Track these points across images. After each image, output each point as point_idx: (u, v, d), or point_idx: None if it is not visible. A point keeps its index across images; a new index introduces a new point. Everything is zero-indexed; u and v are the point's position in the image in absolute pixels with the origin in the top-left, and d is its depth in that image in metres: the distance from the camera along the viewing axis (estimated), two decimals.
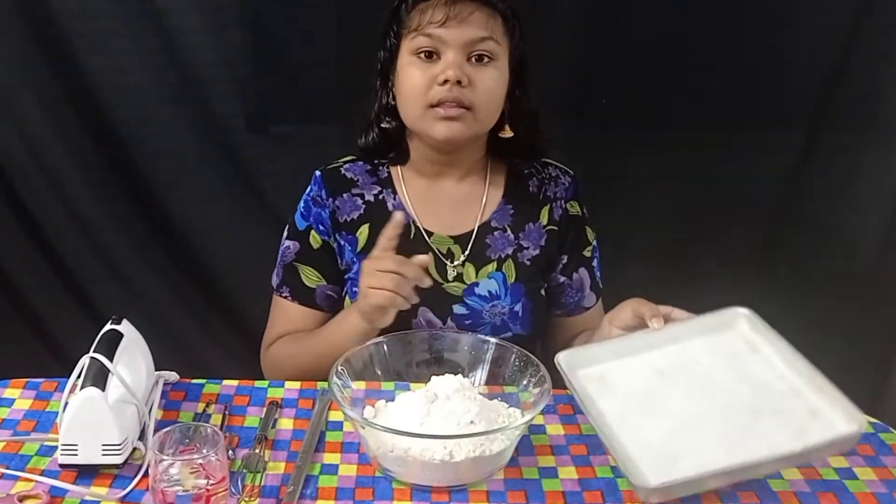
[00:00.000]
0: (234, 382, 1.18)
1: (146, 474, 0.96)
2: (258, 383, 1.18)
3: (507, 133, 1.31)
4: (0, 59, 1.67)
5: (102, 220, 1.80)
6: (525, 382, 1.08)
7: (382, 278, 1.13)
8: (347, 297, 1.34)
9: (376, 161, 1.37)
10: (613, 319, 1.19)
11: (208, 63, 1.70)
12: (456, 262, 1.33)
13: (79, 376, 0.98)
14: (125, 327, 1.07)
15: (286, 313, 1.36)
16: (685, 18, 1.71)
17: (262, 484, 0.98)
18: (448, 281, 1.32)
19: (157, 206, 1.81)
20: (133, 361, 1.05)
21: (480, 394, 1.07)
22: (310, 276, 1.34)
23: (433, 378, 1.09)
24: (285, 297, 1.36)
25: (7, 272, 1.81)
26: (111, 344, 1.03)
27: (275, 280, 1.38)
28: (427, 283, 1.17)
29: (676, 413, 1.03)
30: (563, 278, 1.38)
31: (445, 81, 1.21)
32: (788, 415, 1.00)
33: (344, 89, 1.75)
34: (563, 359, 1.11)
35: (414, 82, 1.24)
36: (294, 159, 1.78)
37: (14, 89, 1.69)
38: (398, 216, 1.18)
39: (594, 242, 1.40)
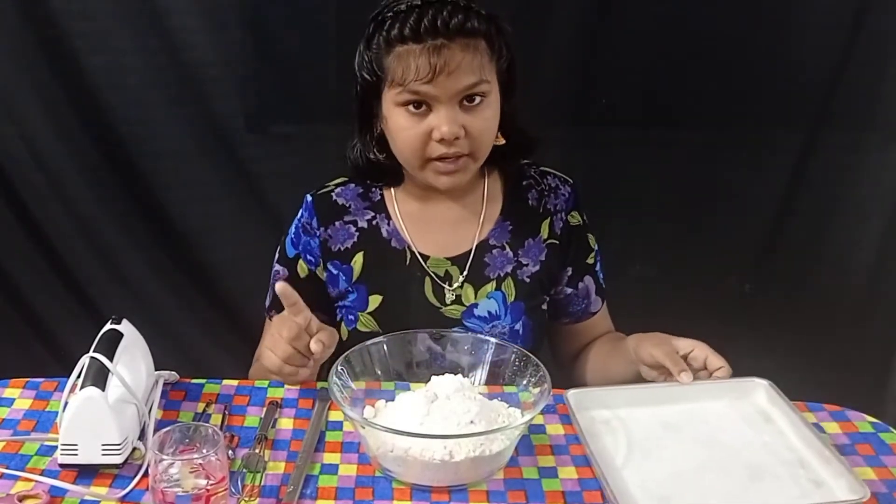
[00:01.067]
0: (234, 382, 1.18)
1: (146, 474, 0.96)
2: (258, 383, 1.18)
3: (500, 141, 1.26)
4: (0, 59, 1.67)
5: (102, 220, 1.80)
6: (525, 382, 1.08)
7: (278, 344, 1.09)
8: (343, 325, 1.32)
9: (368, 182, 1.33)
10: (640, 348, 1.18)
11: (208, 63, 1.70)
12: (455, 285, 1.29)
13: (79, 376, 0.98)
14: (125, 327, 1.07)
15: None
16: (686, 18, 1.71)
17: (262, 484, 0.97)
18: (446, 304, 1.29)
19: (157, 206, 1.81)
20: (133, 361, 1.05)
21: (480, 394, 1.07)
22: None
23: (433, 378, 1.09)
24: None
25: (7, 272, 1.82)
26: (111, 344, 1.03)
27: (267, 301, 1.37)
28: (311, 368, 1.13)
29: (674, 461, 1.03)
30: (569, 290, 1.36)
31: (442, 138, 1.16)
32: (791, 481, 1.00)
33: (344, 89, 1.75)
34: (572, 396, 1.11)
35: (407, 137, 1.18)
36: (294, 159, 1.78)
37: (14, 89, 1.69)
38: (279, 287, 1.08)
39: (596, 248, 1.38)
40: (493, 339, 1.13)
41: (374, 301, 1.29)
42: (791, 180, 1.85)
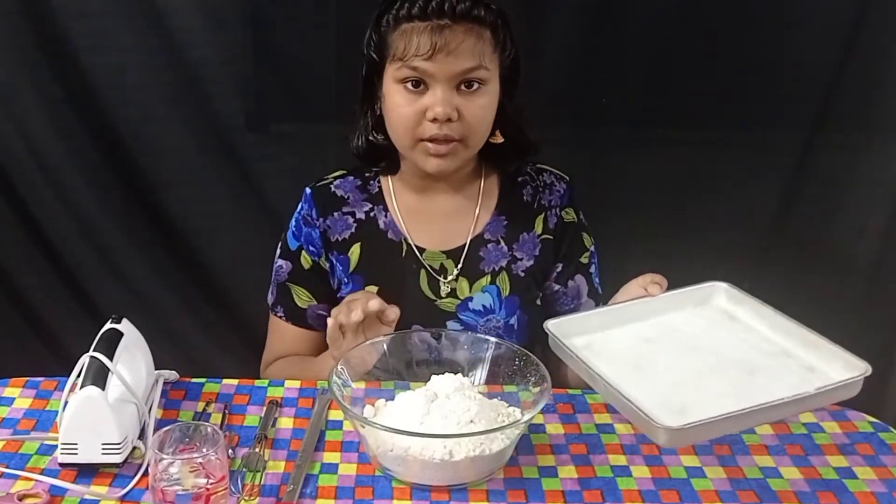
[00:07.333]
0: (234, 381, 1.18)
1: (146, 473, 0.96)
2: (258, 382, 1.18)
3: (498, 139, 1.28)
4: (0, 59, 1.67)
5: (102, 219, 1.80)
6: (525, 382, 1.08)
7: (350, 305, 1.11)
8: None
9: (367, 175, 1.35)
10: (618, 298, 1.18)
11: (208, 62, 1.70)
12: (449, 278, 1.31)
13: (79, 375, 0.98)
14: (125, 326, 1.07)
15: (281, 333, 1.37)
16: (685, 18, 1.71)
17: (262, 483, 0.98)
18: (441, 297, 1.30)
19: (157, 205, 1.81)
20: (133, 360, 1.06)
21: (480, 393, 1.07)
22: (301, 297, 1.34)
23: (433, 377, 1.09)
24: (280, 317, 1.36)
25: (7, 271, 1.81)
26: (111, 343, 1.03)
27: (270, 298, 1.38)
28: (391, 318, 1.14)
29: (670, 373, 1.02)
30: (556, 286, 1.36)
31: (435, 118, 1.17)
32: (783, 371, 1.00)
33: (344, 89, 1.75)
34: (553, 326, 1.08)
35: (402, 113, 1.20)
36: (294, 158, 1.79)
37: (14, 89, 1.69)
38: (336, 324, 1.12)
39: (592, 248, 1.38)
40: (492, 339, 1.13)
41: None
42: (791, 180, 1.85)
